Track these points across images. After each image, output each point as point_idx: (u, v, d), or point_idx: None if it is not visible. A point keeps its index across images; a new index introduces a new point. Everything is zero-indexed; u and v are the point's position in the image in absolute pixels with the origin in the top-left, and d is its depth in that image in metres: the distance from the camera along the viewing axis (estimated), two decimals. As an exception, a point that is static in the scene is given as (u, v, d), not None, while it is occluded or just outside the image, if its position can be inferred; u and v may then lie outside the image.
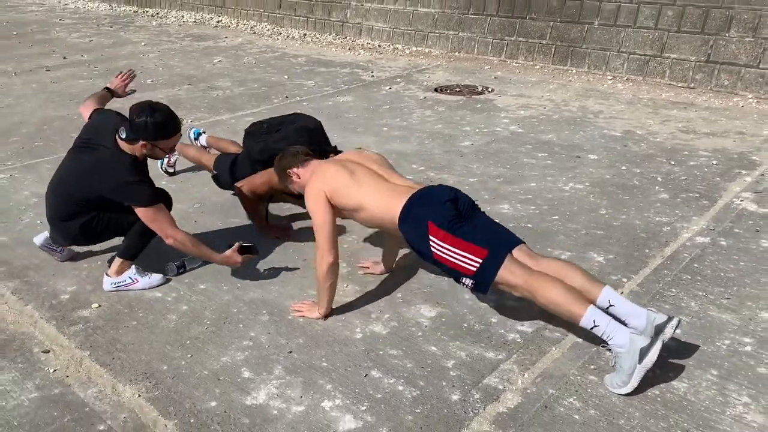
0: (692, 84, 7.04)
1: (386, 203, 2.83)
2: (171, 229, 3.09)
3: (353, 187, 2.87)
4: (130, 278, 3.24)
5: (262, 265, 3.47)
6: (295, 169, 3.12)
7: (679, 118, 5.98)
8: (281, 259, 3.55)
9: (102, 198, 3.10)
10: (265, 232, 3.82)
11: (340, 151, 3.86)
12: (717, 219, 3.91)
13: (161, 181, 4.39)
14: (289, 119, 4.20)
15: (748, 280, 3.24)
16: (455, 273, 2.72)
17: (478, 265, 2.63)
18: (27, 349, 2.84)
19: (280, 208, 4.18)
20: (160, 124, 3.02)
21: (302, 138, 3.88)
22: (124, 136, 3.03)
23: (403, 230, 2.82)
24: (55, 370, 2.69)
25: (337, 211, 2.92)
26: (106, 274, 3.25)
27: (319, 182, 2.92)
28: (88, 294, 3.23)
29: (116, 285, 3.23)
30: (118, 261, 3.24)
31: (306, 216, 3.37)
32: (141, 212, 3.06)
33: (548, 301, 2.54)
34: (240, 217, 4.04)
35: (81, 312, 3.07)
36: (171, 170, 4.78)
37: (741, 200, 4.16)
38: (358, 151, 3.24)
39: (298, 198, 3.67)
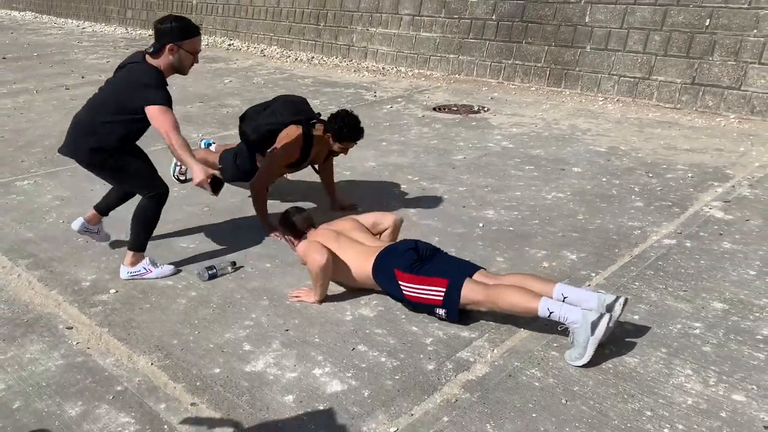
0: (678, 105, 7.39)
1: (361, 263, 3.29)
2: (171, 130, 3.25)
3: (337, 251, 3.30)
4: (144, 268, 3.59)
5: (265, 260, 3.82)
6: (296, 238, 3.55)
7: (662, 136, 6.32)
8: (281, 255, 3.88)
9: (124, 108, 3.34)
10: (269, 232, 4.16)
11: (323, 120, 4.25)
12: (685, 224, 4.23)
13: (173, 188, 4.74)
14: (275, 98, 4.57)
15: (705, 276, 3.55)
16: (428, 307, 3.12)
17: (443, 293, 3.03)
18: (52, 325, 3.18)
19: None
20: (182, 25, 3.42)
21: (289, 109, 4.29)
22: (151, 50, 3.43)
23: (378, 281, 3.26)
24: (77, 343, 3.03)
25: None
26: (123, 264, 3.60)
27: (313, 239, 3.39)
28: (106, 282, 3.58)
29: (131, 274, 3.58)
30: (130, 253, 3.58)
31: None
32: (151, 110, 3.28)
33: (508, 304, 2.90)
34: (244, 220, 4.39)
35: (100, 296, 3.42)
36: (182, 178, 5.15)
37: (710, 208, 4.48)
38: (342, 221, 3.62)
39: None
